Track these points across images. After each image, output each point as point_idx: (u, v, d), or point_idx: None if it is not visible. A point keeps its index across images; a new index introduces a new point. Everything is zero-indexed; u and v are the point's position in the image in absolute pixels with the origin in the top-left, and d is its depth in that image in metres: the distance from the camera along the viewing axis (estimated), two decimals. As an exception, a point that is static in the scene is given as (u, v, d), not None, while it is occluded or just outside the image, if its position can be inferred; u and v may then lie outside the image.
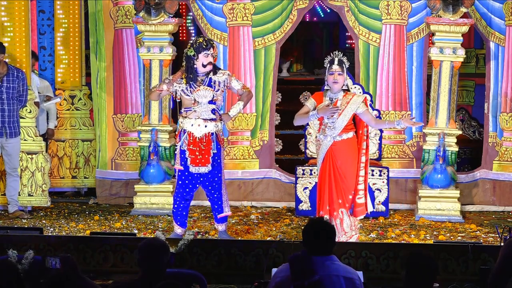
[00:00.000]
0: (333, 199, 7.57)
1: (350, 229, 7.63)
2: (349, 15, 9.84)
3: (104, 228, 8.88)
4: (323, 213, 7.61)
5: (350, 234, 7.62)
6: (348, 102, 7.53)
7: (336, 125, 7.52)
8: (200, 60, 7.85)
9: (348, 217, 7.61)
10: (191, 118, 7.88)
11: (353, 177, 7.59)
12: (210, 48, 7.86)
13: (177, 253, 6.95)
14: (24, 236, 7.20)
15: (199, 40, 7.90)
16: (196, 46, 7.84)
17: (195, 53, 7.84)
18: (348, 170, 7.57)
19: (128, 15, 9.98)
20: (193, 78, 7.87)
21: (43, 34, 10.55)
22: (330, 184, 7.58)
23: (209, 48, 7.85)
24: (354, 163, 7.60)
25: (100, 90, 10.11)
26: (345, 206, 7.57)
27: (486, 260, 6.91)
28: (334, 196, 7.56)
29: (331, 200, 7.58)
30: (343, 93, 7.58)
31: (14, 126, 9.20)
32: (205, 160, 7.87)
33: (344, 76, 7.55)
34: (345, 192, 7.56)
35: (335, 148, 7.56)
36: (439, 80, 9.34)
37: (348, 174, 7.58)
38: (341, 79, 7.54)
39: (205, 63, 7.85)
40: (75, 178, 10.54)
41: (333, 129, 7.54)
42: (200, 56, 7.84)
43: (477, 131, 11.85)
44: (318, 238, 4.71)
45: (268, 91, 9.97)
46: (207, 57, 7.85)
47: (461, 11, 9.17)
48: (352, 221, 7.64)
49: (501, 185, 9.82)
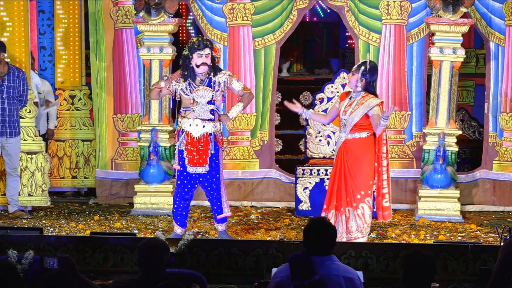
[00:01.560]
0: (341, 195, 7.68)
1: (356, 230, 7.66)
2: (349, 15, 9.84)
3: (104, 228, 8.88)
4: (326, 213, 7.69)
5: (355, 235, 7.65)
6: (363, 103, 7.66)
7: (347, 122, 7.69)
8: (194, 60, 7.81)
9: (355, 217, 7.65)
10: (189, 118, 7.87)
11: (364, 177, 7.69)
12: (203, 49, 7.77)
13: (177, 253, 6.95)
14: (24, 236, 7.20)
15: (193, 40, 7.88)
16: (189, 45, 7.83)
17: (189, 53, 7.83)
18: (358, 169, 7.67)
19: (128, 15, 9.97)
20: (191, 77, 7.85)
21: (43, 34, 10.55)
22: (340, 181, 7.71)
23: (202, 48, 7.77)
24: (367, 164, 7.70)
25: (100, 90, 10.11)
26: (352, 205, 7.65)
27: (486, 260, 6.91)
28: (342, 193, 7.69)
29: (339, 196, 7.71)
30: (364, 94, 7.71)
31: (14, 126, 9.20)
32: (202, 160, 7.86)
33: (356, 77, 7.70)
34: (353, 190, 7.65)
35: (346, 146, 7.73)
36: (439, 80, 9.34)
37: (359, 174, 7.67)
38: (352, 79, 7.75)
39: (198, 63, 7.81)
40: (75, 178, 10.54)
41: (345, 126, 7.73)
42: (194, 56, 7.80)
43: (477, 131, 11.85)
44: (319, 238, 4.71)
45: (268, 91, 9.97)
46: (201, 58, 7.79)
47: (461, 11, 9.17)
48: (360, 223, 7.66)
49: (501, 185, 9.82)
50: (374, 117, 7.65)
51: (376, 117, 7.64)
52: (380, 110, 7.66)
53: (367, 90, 7.75)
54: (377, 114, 7.63)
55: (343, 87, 9.46)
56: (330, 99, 9.51)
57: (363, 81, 7.71)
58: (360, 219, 7.67)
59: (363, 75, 7.70)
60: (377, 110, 7.64)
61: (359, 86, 7.71)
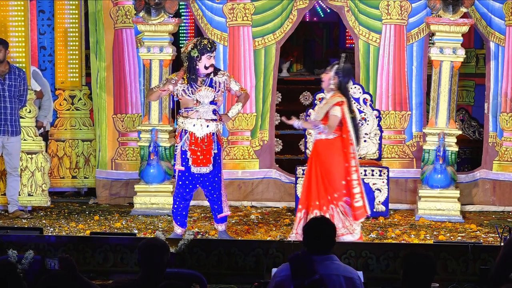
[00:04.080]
0: (321, 194, 7.66)
1: (342, 226, 7.64)
2: (349, 15, 9.84)
3: (104, 228, 8.88)
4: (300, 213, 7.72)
5: (340, 232, 7.62)
6: (328, 102, 7.64)
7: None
8: (203, 62, 7.83)
9: (338, 214, 7.64)
10: (193, 118, 7.87)
11: (335, 178, 7.65)
12: (214, 51, 7.85)
13: (177, 253, 6.95)
14: (24, 236, 7.19)
15: (203, 42, 7.84)
16: (200, 47, 7.80)
17: (198, 55, 7.81)
18: (329, 170, 7.65)
19: (128, 15, 9.98)
20: (194, 78, 7.86)
21: (43, 34, 10.56)
22: (317, 180, 7.68)
23: (213, 50, 7.84)
24: (336, 165, 7.65)
25: (100, 90, 10.11)
26: (333, 203, 7.64)
27: (486, 260, 6.91)
28: (322, 192, 7.66)
29: (320, 196, 7.67)
30: (333, 93, 7.64)
31: (15, 125, 9.21)
32: (206, 160, 7.87)
33: (329, 75, 7.64)
34: (329, 191, 7.63)
35: (316, 147, 7.74)
36: (439, 80, 9.34)
37: (329, 176, 7.65)
38: (325, 78, 7.68)
39: (207, 65, 7.84)
40: (75, 178, 10.55)
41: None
42: (203, 58, 7.81)
43: (477, 131, 11.86)
44: (319, 237, 4.72)
45: (268, 91, 9.97)
46: (210, 59, 7.84)
47: (461, 11, 9.17)
48: (344, 218, 7.65)
49: (501, 185, 9.82)
50: (330, 118, 7.55)
51: (332, 118, 7.54)
52: (340, 110, 7.53)
53: (340, 90, 7.65)
54: (333, 115, 7.53)
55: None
56: (330, 99, 9.51)
57: (335, 79, 7.65)
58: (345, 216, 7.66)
59: (336, 73, 7.65)
60: (336, 111, 7.53)
61: (332, 84, 7.65)
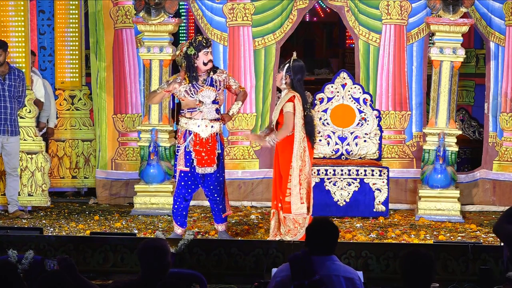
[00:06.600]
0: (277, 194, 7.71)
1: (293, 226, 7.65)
2: (349, 15, 9.84)
3: (104, 228, 8.88)
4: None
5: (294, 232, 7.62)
6: (280, 101, 7.69)
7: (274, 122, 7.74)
8: (201, 58, 7.84)
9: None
10: (197, 119, 7.86)
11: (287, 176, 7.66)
12: (210, 46, 7.87)
13: (177, 253, 6.95)
14: (24, 236, 7.19)
15: (198, 39, 7.89)
16: (196, 44, 7.83)
17: (195, 52, 7.83)
18: (283, 169, 7.66)
19: (128, 15, 9.98)
20: (195, 76, 7.86)
21: (43, 34, 10.55)
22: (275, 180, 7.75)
23: (209, 46, 7.87)
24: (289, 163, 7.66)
25: (100, 90, 10.11)
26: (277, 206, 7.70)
27: (486, 260, 6.90)
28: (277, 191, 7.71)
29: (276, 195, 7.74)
30: (286, 91, 7.67)
31: (15, 125, 9.23)
32: (211, 160, 7.88)
33: (281, 74, 7.69)
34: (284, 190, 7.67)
35: (276, 146, 7.73)
36: (439, 80, 9.34)
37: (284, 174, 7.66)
38: (278, 77, 7.75)
39: (205, 61, 7.85)
40: (75, 178, 10.55)
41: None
42: (200, 54, 7.83)
43: (477, 131, 11.85)
44: (321, 237, 4.71)
45: (268, 91, 9.97)
46: (207, 55, 7.86)
47: (461, 11, 9.17)
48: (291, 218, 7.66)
49: (501, 185, 9.82)
50: (284, 115, 7.57)
51: (286, 115, 7.55)
52: (292, 106, 7.55)
53: (294, 88, 7.69)
54: (286, 112, 7.54)
55: (343, 87, 9.47)
56: (330, 99, 9.52)
57: (287, 78, 7.69)
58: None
59: (287, 72, 7.69)
60: (287, 107, 7.56)
61: (283, 83, 7.69)
